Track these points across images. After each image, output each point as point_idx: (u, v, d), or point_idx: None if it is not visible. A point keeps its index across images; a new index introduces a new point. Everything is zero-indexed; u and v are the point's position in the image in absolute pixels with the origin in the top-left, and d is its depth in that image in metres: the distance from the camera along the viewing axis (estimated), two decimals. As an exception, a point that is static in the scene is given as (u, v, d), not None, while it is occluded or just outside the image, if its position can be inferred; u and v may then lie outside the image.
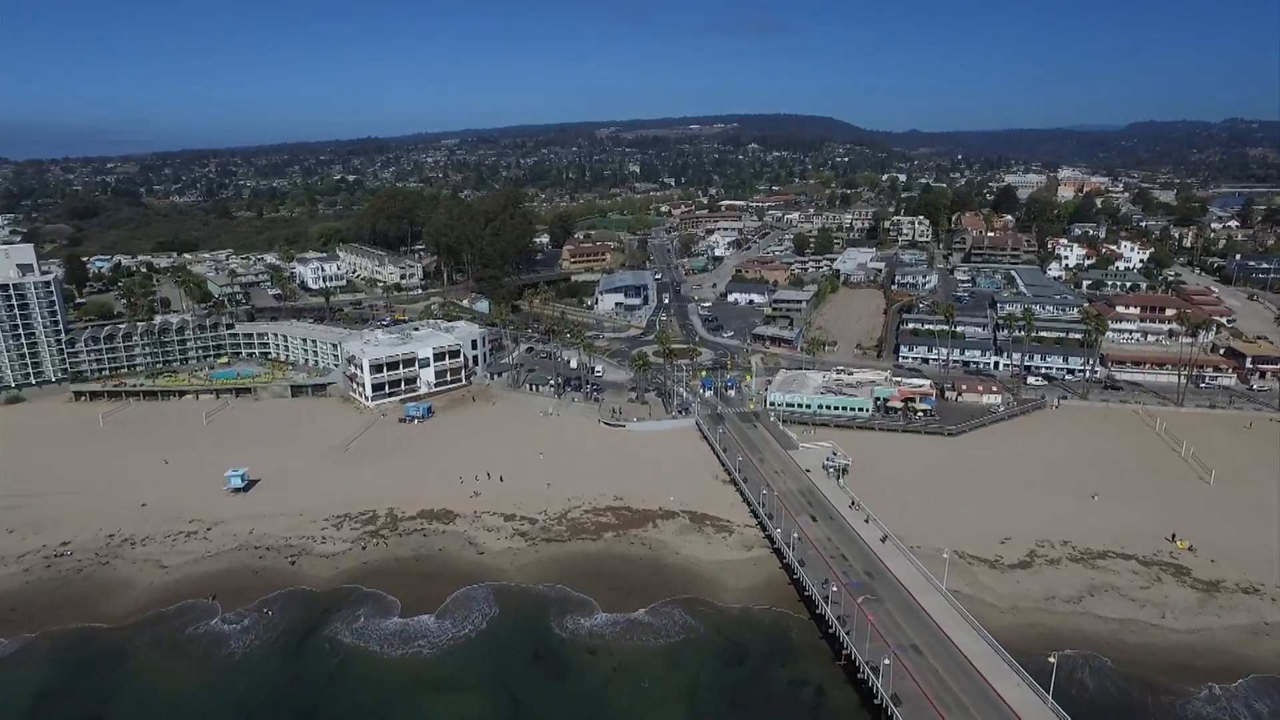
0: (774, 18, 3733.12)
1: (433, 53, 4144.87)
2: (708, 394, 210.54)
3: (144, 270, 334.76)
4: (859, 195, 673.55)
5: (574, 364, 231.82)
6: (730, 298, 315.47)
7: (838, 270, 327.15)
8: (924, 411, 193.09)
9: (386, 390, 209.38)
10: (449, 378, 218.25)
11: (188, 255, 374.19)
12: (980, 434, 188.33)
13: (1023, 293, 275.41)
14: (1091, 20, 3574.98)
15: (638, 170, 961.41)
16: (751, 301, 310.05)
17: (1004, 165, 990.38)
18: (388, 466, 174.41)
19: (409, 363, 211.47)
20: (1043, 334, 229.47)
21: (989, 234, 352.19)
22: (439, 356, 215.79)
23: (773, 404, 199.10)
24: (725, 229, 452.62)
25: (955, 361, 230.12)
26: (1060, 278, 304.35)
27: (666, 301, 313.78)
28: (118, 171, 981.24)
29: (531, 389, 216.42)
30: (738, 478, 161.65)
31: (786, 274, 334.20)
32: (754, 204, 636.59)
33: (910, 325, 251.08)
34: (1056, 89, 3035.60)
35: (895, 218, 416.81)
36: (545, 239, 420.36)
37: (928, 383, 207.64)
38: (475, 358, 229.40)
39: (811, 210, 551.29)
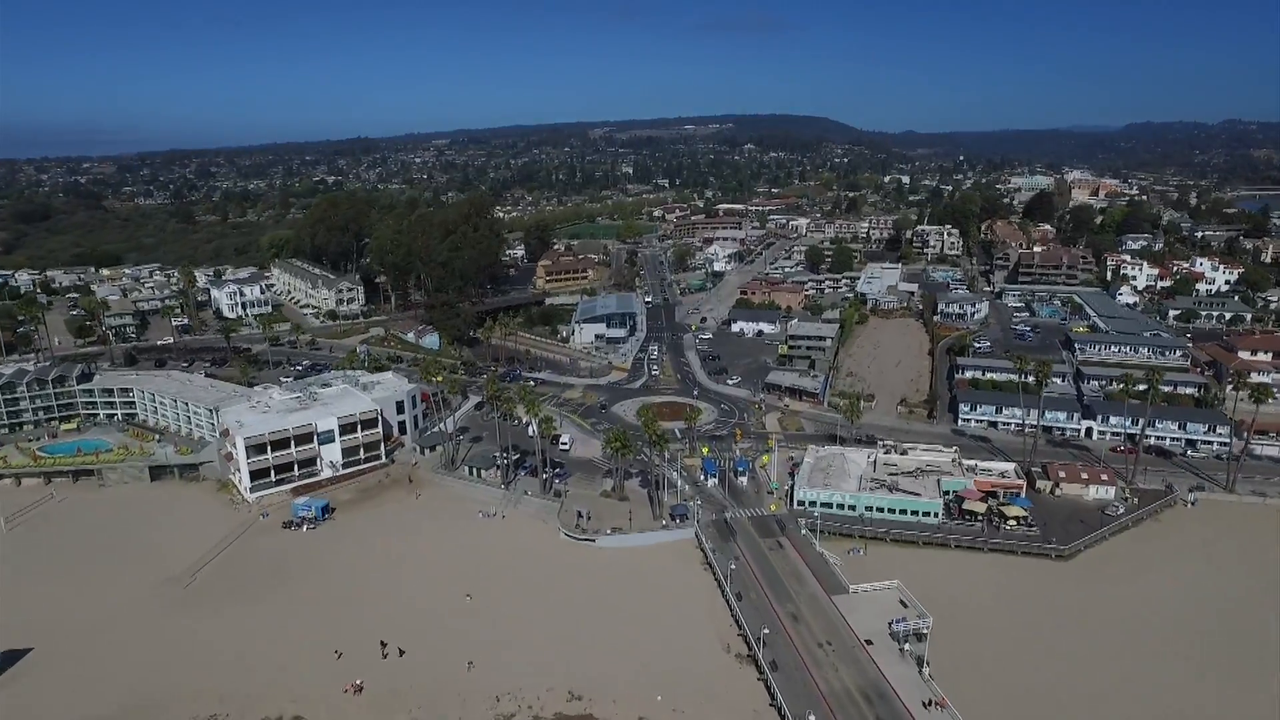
0: (771, 16, 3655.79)
1: (426, 51, 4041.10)
2: (711, 483, 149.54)
3: (37, 290, 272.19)
4: (863, 198, 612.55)
5: (531, 429, 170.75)
6: (734, 327, 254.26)
7: (862, 294, 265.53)
8: (1018, 519, 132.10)
9: (272, 477, 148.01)
10: (363, 455, 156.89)
11: (105, 270, 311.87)
12: (1101, 553, 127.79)
13: (1099, 326, 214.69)
14: (1086, 21, 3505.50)
15: (630, 171, 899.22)
16: (760, 333, 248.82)
17: (1007, 166, 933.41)
18: (240, 620, 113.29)
19: (304, 438, 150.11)
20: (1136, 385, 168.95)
21: (1035, 248, 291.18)
22: (348, 428, 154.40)
23: (802, 503, 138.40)
24: (725, 238, 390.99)
25: (1024, 424, 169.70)
26: (1135, 305, 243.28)
27: (650, 341, 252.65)
28: (93, 172, 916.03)
29: (472, 473, 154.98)
30: (762, 658, 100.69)
31: (800, 297, 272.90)
32: (753, 207, 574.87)
33: (968, 374, 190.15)
34: (1052, 90, 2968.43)
35: (920, 227, 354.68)
36: (520, 251, 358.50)
37: (1011, 467, 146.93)
38: (403, 424, 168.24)
39: (818, 215, 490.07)
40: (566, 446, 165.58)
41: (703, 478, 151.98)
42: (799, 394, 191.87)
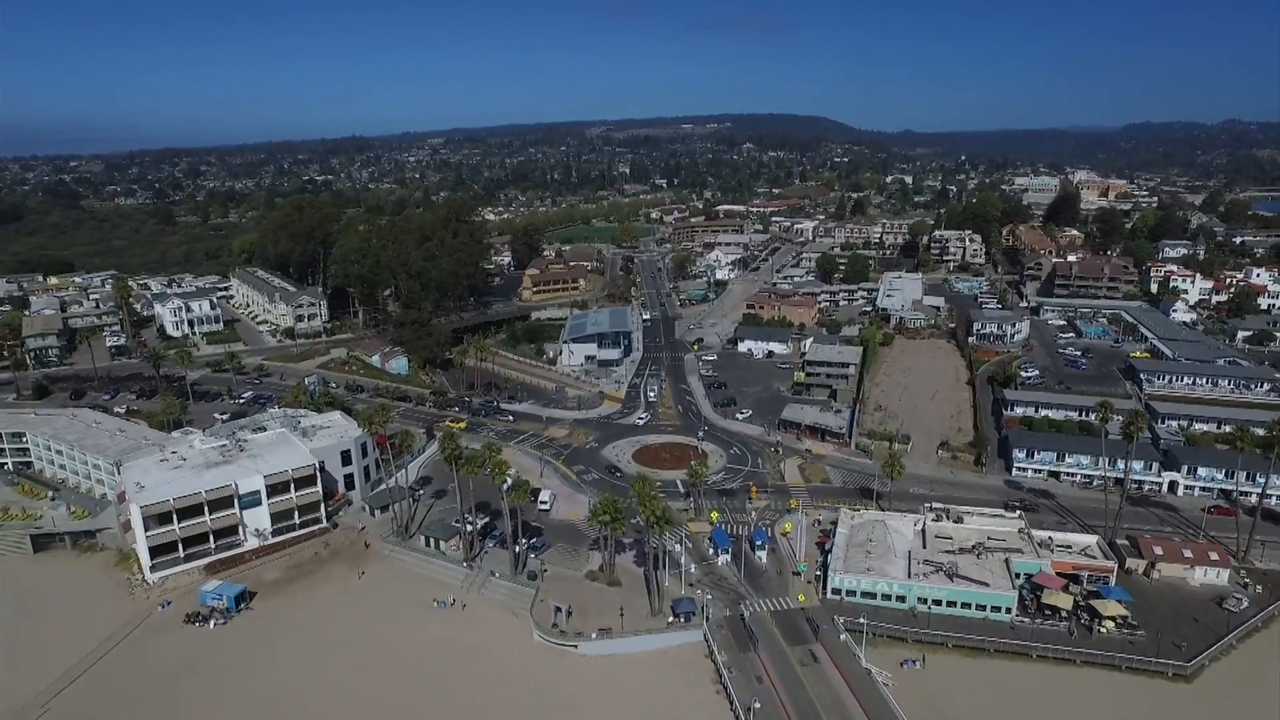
0: (769, 16, 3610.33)
1: (424, 50, 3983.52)
2: (723, 559, 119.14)
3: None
4: (868, 199, 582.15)
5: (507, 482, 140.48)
6: (742, 346, 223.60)
7: (883, 309, 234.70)
8: (1117, 619, 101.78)
9: (181, 552, 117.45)
10: (297, 520, 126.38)
11: (52, 279, 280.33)
12: (1230, 668, 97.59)
13: (1164, 352, 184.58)
14: (1084, 21, 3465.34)
15: (628, 171, 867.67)
16: (771, 354, 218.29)
17: (1010, 166, 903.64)
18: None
19: (223, 503, 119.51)
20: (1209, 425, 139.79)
21: (1069, 256, 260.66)
22: (279, 488, 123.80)
23: (837, 592, 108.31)
24: (727, 244, 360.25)
25: (1095, 477, 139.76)
26: (1194, 323, 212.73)
27: (647, 364, 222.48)
28: (81, 170, 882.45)
29: (429, 543, 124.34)
30: None
31: (813, 312, 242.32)
32: (754, 209, 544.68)
33: (1018, 410, 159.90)
34: (1050, 89, 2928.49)
35: (938, 232, 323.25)
36: (506, 258, 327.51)
37: (1094, 541, 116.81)
38: (350, 478, 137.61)
39: (823, 217, 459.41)
40: (546, 506, 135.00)
41: (712, 550, 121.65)
42: (821, 433, 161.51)
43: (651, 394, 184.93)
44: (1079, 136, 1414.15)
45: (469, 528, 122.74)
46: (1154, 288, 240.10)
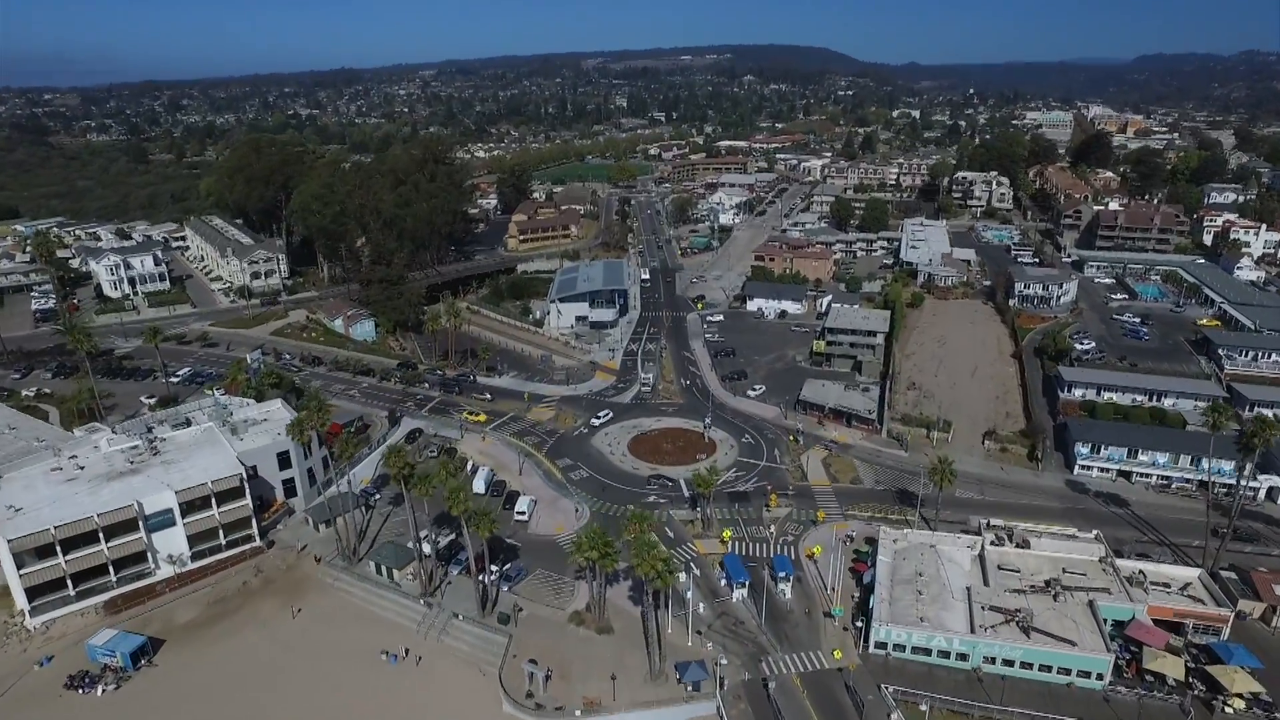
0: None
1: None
2: (737, 596, 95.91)
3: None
4: (876, 135, 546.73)
5: (478, 484, 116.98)
6: (751, 305, 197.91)
7: (908, 262, 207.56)
8: (1247, 697, 79.02)
9: (70, 589, 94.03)
10: (223, 541, 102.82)
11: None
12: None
13: (1238, 319, 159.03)
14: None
15: (625, 105, 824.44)
16: (784, 314, 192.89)
17: (1020, 100, 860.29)
18: None
19: (124, 527, 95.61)
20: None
21: (1110, 203, 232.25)
22: (195, 504, 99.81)
23: (882, 646, 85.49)
24: (731, 185, 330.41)
25: (1175, 479, 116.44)
26: (1262, 281, 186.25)
27: (644, 326, 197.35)
28: (56, 104, 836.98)
29: (381, 571, 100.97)
30: None
31: (829, 266, 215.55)
32: (757, 144, 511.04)
33: (1076, 392, 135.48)
34: (1058, 19, 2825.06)
35: (961, 174, 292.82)
36: (492, 201, 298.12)
37: (1196, 575, 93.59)
38: (290, 483, 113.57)
39: (832, 156, 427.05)
40: (524, 516, 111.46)
41: (724, 581, 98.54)
42: (848, 418, 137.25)
43: (646, 380, 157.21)
44: (1089, 69, 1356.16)
45: (426, 553, 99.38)
46: (1207, 239, 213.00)
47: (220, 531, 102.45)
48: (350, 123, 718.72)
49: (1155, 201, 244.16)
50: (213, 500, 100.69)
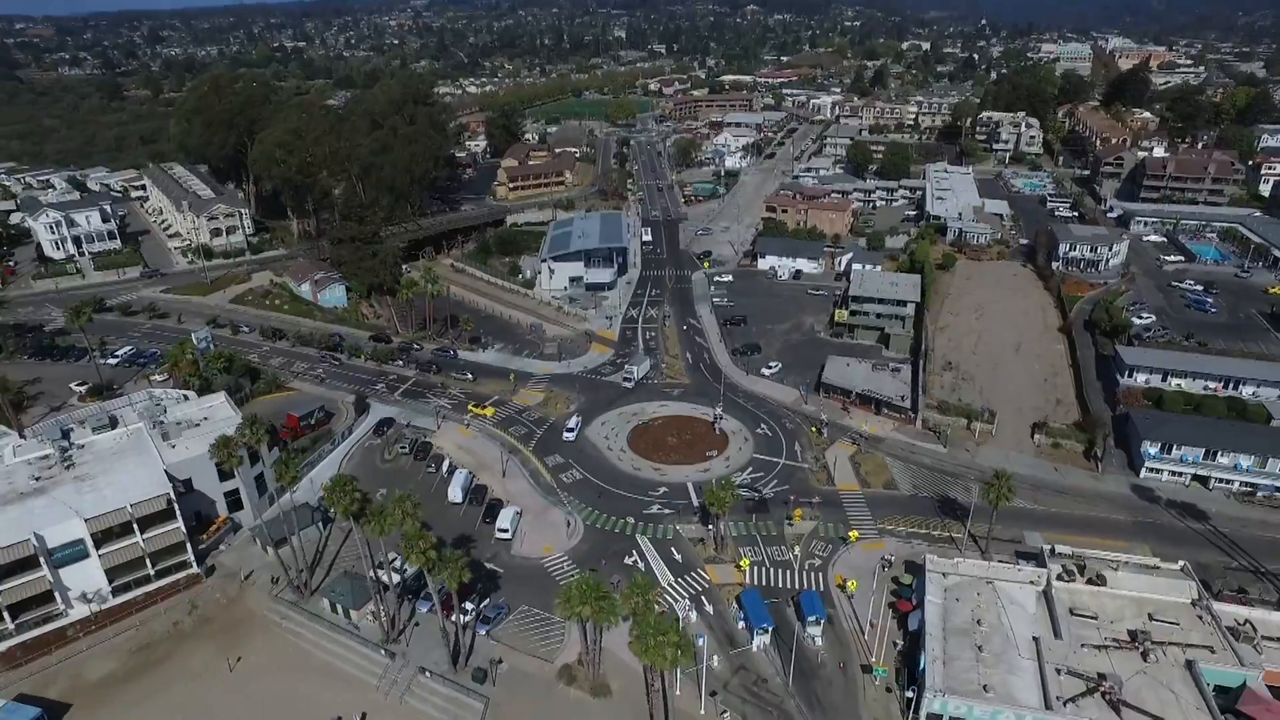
0: None
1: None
2: (758, 644, 79.78)
3: None
4: (886, 69, 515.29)
5: (454, 491, 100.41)
6: (762, 263, 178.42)
7: (935, 216, 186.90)
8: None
9: (-38, 637, 78.02)
10: (151, 570, 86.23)
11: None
12: None
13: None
14: None
15: (623, 36, 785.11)
16: (799, 274, 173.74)
17: (1035, 32, 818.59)
18: None
19: (23, 564, 78.77)
20: None
21: (1154, 148, 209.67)
22: (113, 532, 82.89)
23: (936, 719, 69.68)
24: (737, 124, 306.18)
25: (1268, 488, 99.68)
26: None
27: (645, 288, 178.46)
28: (29, 34, 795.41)
29: (336, 609, 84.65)
30: None
31: (847, 218, 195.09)
32: (762, 79, 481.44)
33: (1139, 378, 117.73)
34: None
35: (986, 114, 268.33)
36: (481, 144, 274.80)
37: (1309, 621, 77.28)
38: (234, 495, 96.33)
39: (841, 92, 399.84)
40: (507, 533, 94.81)
41: (742, 623, 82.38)
42: (877, 404, 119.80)
43: (629, 376, 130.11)
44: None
45: (393, 582, 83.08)
46: (1264, 189, 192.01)
47: (147, 561, 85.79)
48: (338, 56, 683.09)
49: (1200, 145, 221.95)
50: (134, 527, 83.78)
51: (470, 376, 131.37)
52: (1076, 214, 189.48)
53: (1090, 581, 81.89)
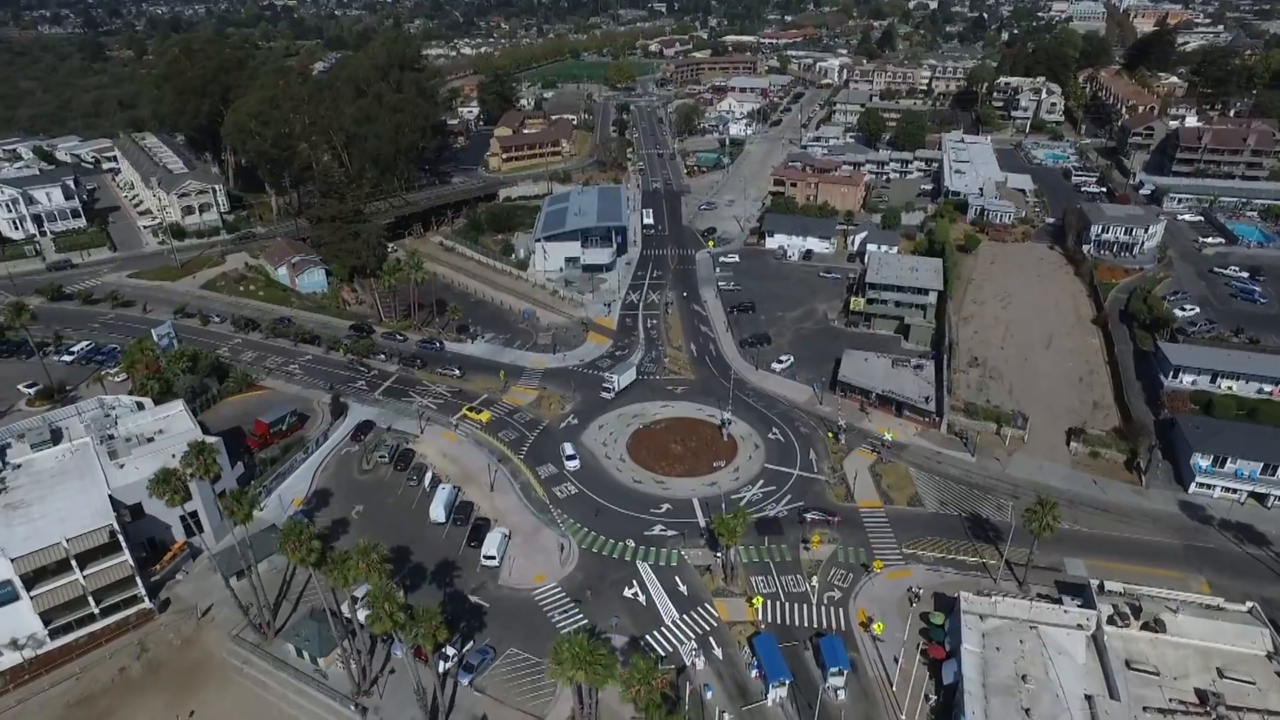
0: None
1: None
2: (773, 698, 70.53)
3: None
4: (895, 30, 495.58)
5: (437, 510, 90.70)
6: (770, 241, 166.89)
7: (954, 191, 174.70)
8: None
9: (-123, 694, 68.67)
10: (95, 608, 76.88)
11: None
12: None
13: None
14: None
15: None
16: (809, 254, 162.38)
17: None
18: None
19: (-60, 609, 69.64)
20: None
21: (1191, 120, 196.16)
22: (48, 570, 73.24)
23: (985, 802, 60.37)
24: (741, 89, 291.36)
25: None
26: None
27: (646, 269, 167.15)
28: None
29: (302, 654, 75.32)
30: None
31: (859, 192, 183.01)
32: (766, 40, 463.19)
33: (1187, 379, 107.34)
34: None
35: (1004, 80, 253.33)
36: (474, 111, 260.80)
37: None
38: (193, 518, 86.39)
39: (848, 54, 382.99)
40: (494, 560, 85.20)
41: (755, 671, 73.14)
42: (898, 406, 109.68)
43: (610, 385, 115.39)
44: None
45: (349, 635, 73.67)
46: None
47: (90, 599, 76.42)
48: (329, 15, 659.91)
49: (1234, 113, 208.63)
50: (72, 563, 74.19)
51: (458, 373, 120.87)
52: (1105, 190, 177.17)
53: (1147, 626, 72.59)
